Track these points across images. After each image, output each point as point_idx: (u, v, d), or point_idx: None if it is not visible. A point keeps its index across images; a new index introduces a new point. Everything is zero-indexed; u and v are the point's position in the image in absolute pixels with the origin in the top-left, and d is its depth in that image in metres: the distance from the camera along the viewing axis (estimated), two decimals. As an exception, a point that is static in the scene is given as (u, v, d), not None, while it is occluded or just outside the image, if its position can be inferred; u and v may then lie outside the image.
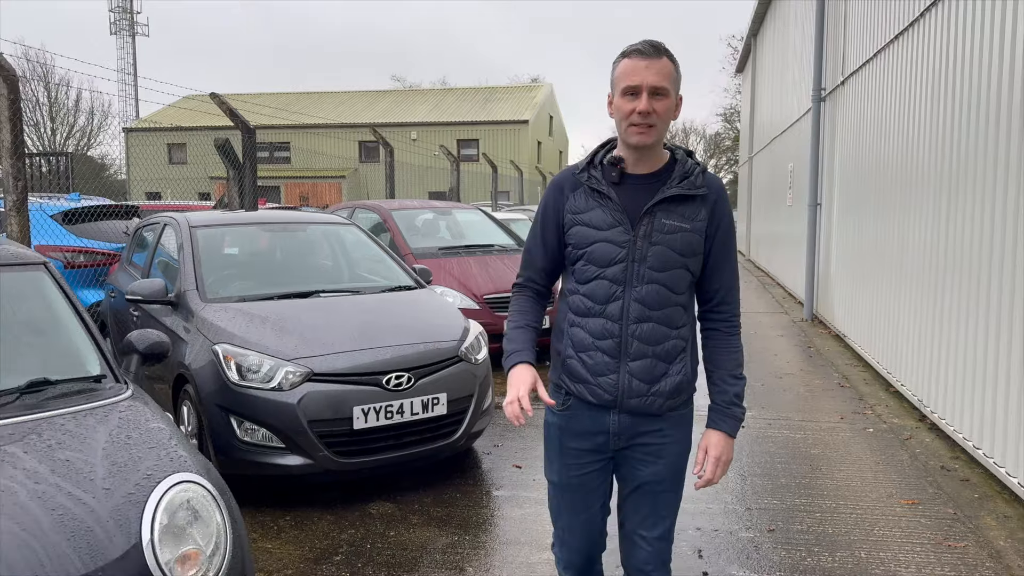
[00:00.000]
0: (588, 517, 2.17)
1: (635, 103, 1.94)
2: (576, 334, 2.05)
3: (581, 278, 2.05)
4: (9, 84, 5.73)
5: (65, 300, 2.80)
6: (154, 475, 2.08)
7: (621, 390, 2.02)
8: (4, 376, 2.44)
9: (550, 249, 2.13)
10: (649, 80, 1.92)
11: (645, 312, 2.00)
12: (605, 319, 2.01)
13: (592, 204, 2.03)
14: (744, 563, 3.36)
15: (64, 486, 1.96)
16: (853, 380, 6.75)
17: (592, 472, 2.13)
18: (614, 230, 2.00)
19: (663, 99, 1.95)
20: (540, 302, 2.19)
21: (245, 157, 8.89)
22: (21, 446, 2.11)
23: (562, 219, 2.08)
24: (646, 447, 2.09)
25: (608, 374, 2.02)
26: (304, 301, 4.55)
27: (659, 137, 1.99)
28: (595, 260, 2.02)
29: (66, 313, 2.77)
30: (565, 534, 2.20)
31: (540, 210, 2.15)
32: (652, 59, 1.94)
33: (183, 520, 2.01)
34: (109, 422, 2.33)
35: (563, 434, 2.13)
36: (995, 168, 4.39)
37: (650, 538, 2.12)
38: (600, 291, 2.02)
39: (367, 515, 3.86)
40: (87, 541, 1.83)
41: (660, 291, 2.00)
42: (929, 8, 5.69)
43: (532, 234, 2.18)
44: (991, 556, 3.41)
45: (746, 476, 4.39)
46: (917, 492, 4.17)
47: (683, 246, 1.99)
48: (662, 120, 1.96)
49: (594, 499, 2.16)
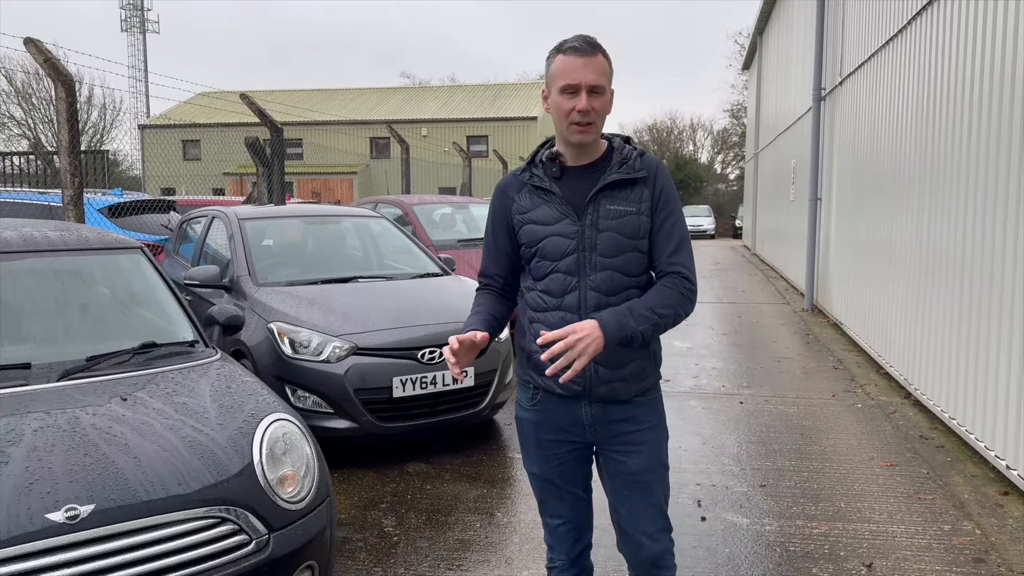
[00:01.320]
0: (573, 500, 2.20)
1: (574, 101, 1.97)
2: (537, 330, 2.05)
3: (537, 274, 2.08)
4: (67, 88, 6.22)
5: (159, 277, 3.31)
6: (256, 414, 2.58)
7: (589, 379, 2.04)
8: (120, 340, 2.95)
9: (504, 252, 2.16)
10: (587, 79, 1.95)
11: (602, 299, 2.01)
12: (564, 311, 2.03)
13: (537, 201, 2.07)
14: (737, 511, 3.84)
15: (187, 421, 2.46)
16: (847, 363, 7.22)
17: (571, 461, 2.16)
18: (561, 223, 2.03)
19: (600, 96, 1.99)
20: (501, 298, 2.21)
21: (273, 155, 9.40)
22: (146, 392, 2.61)
23: (511, 221, 2.11)
24: (624, 436, 2.10)
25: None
26: (344, 285, 5.06)
27: (598, 132, 2.04)
28: (547, 255, 2.04)
29: (161, 288, 3.28)
30: (553, 520, 2.23)
31: (489, 218, 2.19)
32: (588, 56, 1.97)
33: (280, 449, 2.50)
34: (209, 376, 2.83)
35: (538, 429, 2.15)
36: (972, 169, 4.85)
37: (652, 533, 2.12)
38: (555, 285, 2.04)
39: (405, 472, 4.37)
40: (212, 460, 2.33)
41: (614, 276, 2.02)
42: (916, 16, 6.14)
43: (485, 243, 2.22)
44: (955, 506, 3.89)
45: (742, 443, 4.88)
46: (896, 456, 4.65)
47: (631, 229, 2.02)
48: (600, 116, 2.00)
49: (576, 484, 2.19)
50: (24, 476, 2.06)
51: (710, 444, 4.86)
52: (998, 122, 4.41)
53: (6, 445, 2.16)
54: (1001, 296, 4.28)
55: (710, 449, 4.77)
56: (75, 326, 2.96)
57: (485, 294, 2.22)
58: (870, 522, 3.71)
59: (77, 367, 2.69)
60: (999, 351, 4.28)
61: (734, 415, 5.51)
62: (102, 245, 3.23)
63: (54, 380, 2.60)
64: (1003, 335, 4.23)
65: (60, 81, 6.14)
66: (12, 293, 2.89)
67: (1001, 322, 4.26)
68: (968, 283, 4.79)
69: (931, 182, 5.62)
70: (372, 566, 3.28)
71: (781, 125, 15.42)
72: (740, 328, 9.20)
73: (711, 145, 47.58)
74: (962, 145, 4.99)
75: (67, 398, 2.48)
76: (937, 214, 5.46)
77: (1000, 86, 4.39)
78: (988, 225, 4.51)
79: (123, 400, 2.51)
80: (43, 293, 2.97)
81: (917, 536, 3.56)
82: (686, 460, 4.56)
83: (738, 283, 14.14)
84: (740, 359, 7.42)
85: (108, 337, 2.95)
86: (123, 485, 2.12)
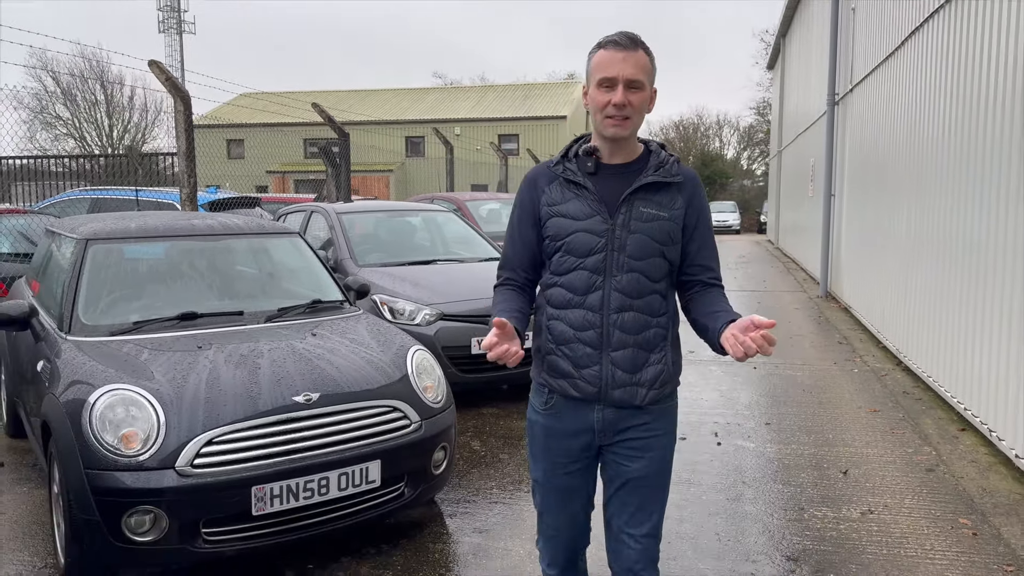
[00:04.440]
0: (571, 513, 2.18)
1: (611, 95, 1.95)
2: (556, 327, 2.04)
3: (559, 269, 2.04)
4: (184, 103, 7.43)
5: (313, 255, 4.46)
6: (404, 346, 3.71)
7: (604, 381, 2.01)
8: (296, 297, 4.10)
9: (528, 245, 2.11)
10: (625, 72, 1.94)
11: (626, 301, 1.99)
12: (586, 310, 2.00)
13: (568, 195, 2.03)
14: (745, 439, 4.91)
15: (360, 348, 3.59)
16: (851, 339, 8.23)
17: (576, 471, 2.12)
18: (592, 219, 2.00)
19: (638, 92, 1.97)
20: (523, 293, 2.14)
21: (340, 158, 10.59)
22: (325, 330, 3.75)
23: (539, 213, 2.07)
24: (631, 442, 2.06)
25: (591, 366, 2.01)
26: (427, 266, 6.20)
27: (634, 129, 2.01)
28: (573, 251, 2.01)
29: (315, 262, 4.43)
30: (549, 530, 2.21)
31: (515, 207, 2.14)
32: (628, 51, 1.95)
33: (423, 368, 3.62)
34: (361, 322, 3.97)
35: (548, 434, 2.12)
36: (949, 171, 5.86)
37: (638, 536, 2.08)
38: (579, 281, 2.01)
39: (481, 413, 5.50)
40: (383, 371, 3.45)
41: (639, 279, 2.00)
42: (909, 37, 7.13)
43: (509, 234, 2.16)
44: (920, 438, 4.92)
45: (753, 396, 5.93)
46: (880, 405, 5.68)
47: (661, 234, 2.00)
48: (637, 112, 1.97)
49: (578, 497, 2.16)
50: (274, 374, 3.20)
51: (727, 396, 5.93)
52: (965, 133, 5.42)
53: (256, 358, 3.30)
54: (967, 280, 5.30)
55: (726, 400, 5.83)
56: (264, 287, 4.13)
57: (506, 288, 2.13)
58: (850, 447, 4.76)
59: (274, 314, 3.85)
60: (963, 322, 5.29)
61: (748, 377, 6.56)
62: (274, 230, 4.40)
63: (262, 322, 3.75)
64: (968, 311, 5.25)
65: (179, 97, 7.36)
66: (221, 263, 4.05)
67: (965, 301, 5.28)
68: (944, 268, 5.80)
69: (917, 182, 6.62)
70: (470, 468, 4.41)
71: (802, 125, 16.33)
72: (760, 312, 10.18)
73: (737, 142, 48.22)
74: (941, 151, 6.00)
75: (277, 333, 3.63)
76: (922, 209, 6.47)
77: (971, 101, 5.41)
78: (960, 217, 5.52)
79: (313, 335, 3.65)
80: (240, 263, 4.14)
81: (886, 455, 4.60)
82: (707, 406, 5.63)
83: (760, 274, 15.10)
84: (756, 336, 8.44)
85: (288, 295, 4.12)
86: (334, 382, 3.26)
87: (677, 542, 3.47)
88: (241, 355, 3.30)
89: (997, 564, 3.28)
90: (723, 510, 3.82)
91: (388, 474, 3.25)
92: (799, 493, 4.03)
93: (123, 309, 3.69)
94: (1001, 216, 4.65)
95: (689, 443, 4.74)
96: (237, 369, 3.19)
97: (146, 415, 2.93)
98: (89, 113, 42.61)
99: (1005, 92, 4.65)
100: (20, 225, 7.04)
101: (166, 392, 3.01)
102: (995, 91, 4.83)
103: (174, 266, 3.99)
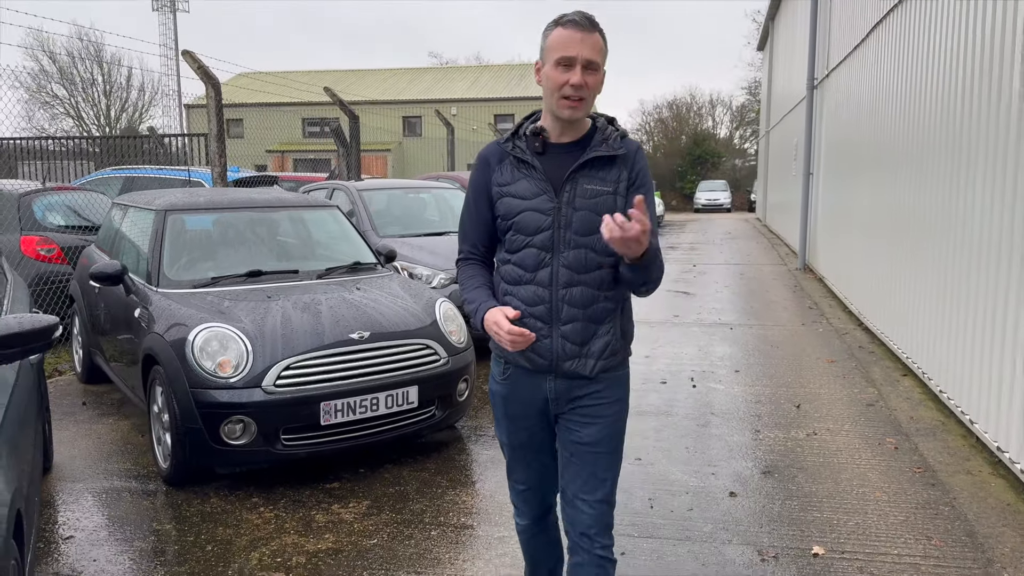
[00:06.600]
0: (539, 467, 2.29)
1: (568, 75, 1.97)
2: (510, 303, 2.10)
3: (511, 248, 2.11)
4: (215, 89, 8.13)
5: (350, 225, 5.24)
6: (431, 299, 4.51)
7: (555, 354, 2.08)
8: (339, 260, 4.90)
9: (485, 222, 2.17)
10: (584, 54, 1.96)
11: (573, 276, 2.04)
12: (536, 286, 2.06)
13: (518, 175, 2.08)
14: (716, 383, 5.74)
15: (396, 300, 4.39)
16: (821, 305, 9.07)
17: (537, 432, 2.23)
18: (539, 198, 2.05)
19: (594, 73, 2.00)
20: (486, 268, 2.23)
21: (351, 138, 11.31)
22: (367, 286, 4.55)
23: (490, 192, 2.13)
24: (583, 409, 2.13)
25: (542, 339, 2.07)
26: (440, 237, 6.99)
27: (587, 110, 2.05)
28: (523, 229, 2.06)
29: (352, 231, 5.22)
30: (518, 485, 2.33)
31: (470, 185, 2.19)
32: (587, 32, 1.98)
33: (448, 316, 4.42)
34: (393, 280, 4.76)
35: (506, 402, 2.22)
36: (902, 152, 6.65)
37: (591, 501, 2.13)
38: (529, 259, 2.07)
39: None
40: (416, 317, 4.25)
41: (586, 255, 2.04)
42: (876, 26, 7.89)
43: (465, 210, 2.23)
44: (866, 381, 5.77)
45: (727, 350, 6.77)
46: (837, 356, 6.52)
47: (605, 209, 2.02)
48: (591, 94, 2.01)
49: (543, 453, 2.26)
50: (332, 316, 4.00)
51: (704, 351, 6.76)
52: (913, 120, 6.22)
53: (316, 305, 4.10)
54: (912, 250, 6.12)
55: (703, 353, 6.66)
56: (313, 250, 4.92)
57: (470, 265, 2.23)
58: (805, 388, 5.60)
59: (323, 272, 4.64)
60: (908, 286, 6.12)
61: (724, 335, 7.40)
62: (318, 204, 5.19)
63: (314, 279, 4.55)
64: (912, 277, 6.07)
65: (210, 84, 8.06)
66: (278, 230, 4.84)
67: (910, 268, 6.11)
68: (895, 240, 6.62)
69: (876, 162, 7.42)
70: (483, 404, 5.24)
71: (787, 106, 17.08)
72: (741, 282, 11.06)
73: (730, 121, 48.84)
74: (896, 136, 6.80)
75: (328, 287, 4.43)
76: (879, 187, 7.27)
77: (919, 94, 6.20)
78: (907, 195, 6.33)
79: (358, 289, 4.45)
80: (292, 230, 4.92)
81: (835, 394, 5.45)
82: (686, 359, 6.47)
83: (745, 249, 15.94)
84: (736, 303, 9.29)
85: (332, 258, 4.91)
86: (380, 324, 4.06)
87: (655, 453, 4.31)
88: (304, 303, 4.10)
89: (909, 468, 4.12)
90: (692, 432, 4.66)
91: (423, 398, 4.07)
92: (757, 421, 4.87)
93: (200, 267, 4.49)
94: (937, 193, 5.45)
95: (669, 386, 5.57)
96: (303, 313, 3.99)
97: (236, 347, 3.73)
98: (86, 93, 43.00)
99: (938, 86, 5.44)
100: (69, 200, 7.77)
101: (251, 329, 3.81)
102: (933, 83, 5.62)
103: (239, 232, 4.78)
